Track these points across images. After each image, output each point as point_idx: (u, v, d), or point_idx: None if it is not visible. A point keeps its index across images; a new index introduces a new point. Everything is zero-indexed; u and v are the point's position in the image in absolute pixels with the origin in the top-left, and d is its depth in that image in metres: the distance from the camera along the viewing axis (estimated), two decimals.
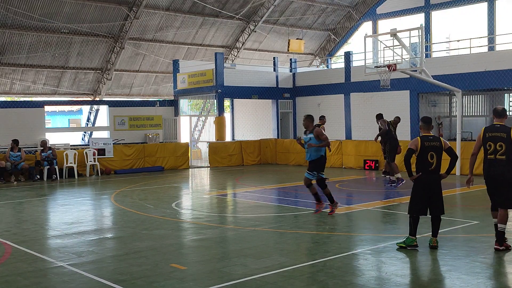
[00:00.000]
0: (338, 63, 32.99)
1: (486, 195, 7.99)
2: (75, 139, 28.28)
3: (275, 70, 26.62)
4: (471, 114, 23.65)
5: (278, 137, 25.56)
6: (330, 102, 24.59)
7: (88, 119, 30.43)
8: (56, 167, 18.33)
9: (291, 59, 28.20)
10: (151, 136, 24.69)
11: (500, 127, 7.54)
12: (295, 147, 22.61)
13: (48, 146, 18.87)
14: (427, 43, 25.16)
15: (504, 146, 7.43)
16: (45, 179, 18.25)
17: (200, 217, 11.22)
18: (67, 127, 42.47)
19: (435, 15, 28.56)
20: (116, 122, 24.30)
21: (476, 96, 23.46)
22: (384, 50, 16.46)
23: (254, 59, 32.45)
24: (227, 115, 28.13)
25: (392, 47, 16.32)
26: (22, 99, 28.25)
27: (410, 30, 16.29)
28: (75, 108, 44.47)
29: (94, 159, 19.65)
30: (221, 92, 23.84)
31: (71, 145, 22.85)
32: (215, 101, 24.14)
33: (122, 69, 28.63)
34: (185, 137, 25.79)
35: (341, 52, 31.32)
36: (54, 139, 23.40)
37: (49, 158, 18.25)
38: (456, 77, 19.76)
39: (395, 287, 6.11)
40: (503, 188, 7.48)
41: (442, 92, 21.73)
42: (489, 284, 6.24)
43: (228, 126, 26.90)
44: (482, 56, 20.84)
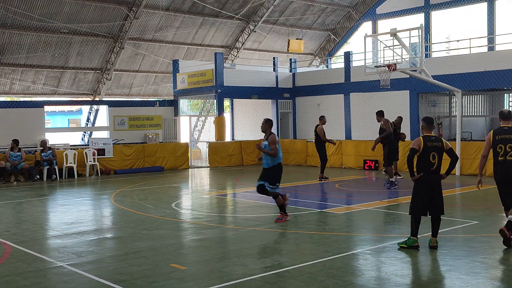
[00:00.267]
0: (338, 63, 32.98)
1: (486, 195, 8.00)
2: (75, 139, 28.28)
3: (274, 70, 26.60)
4: (471, 114, 23.63)
5: (277, 137, 25.47)
6: (330, 102, 24.58)
7: (87, 119, 30.43)
8: (56, 167, 18.34)
9: (290, 59, 28.18)
10: (150, 136, 24.67)
11: (508, 129, 7.88)
12: (294, 147, 22.64)
13: (48, 146, 18.86)
14: (427, 43, 25.15)
15: None
16: (45, 179, 18.25)
17: (200, 217, 11.22)
18: (67, 127, 42.47)
19: (435, 15, 28.54)
20: (115, 122, 24.29)
21: (476, 96, 23.45)
22: (384, 50, 16.41)
23: (254, 59, 32.43)
24: (227, 115, 28.10)
25: (392, 47, 16.28)
26: (21, 99, 28.23)
27: (410, 30, 16.26)
28: (75, 108, 44.50)
29: (93, 159, 19.64)
30: (220, 92, 23.83)
31: (71, 145, 22.83)
32: (215, 101, 24.12)
33: (121, 69, 28.61)
34: (185, 137, 25.77)
35: (341, 52, 31.30)
36: (54, 139, 23.39)
37: (49, 159, 18.25)
38: (456, 77, 19.75)
39: (395, 287, 6.11)
40: None
41: (442, 92, 21.72)
42: (489, 284, 6.24)
43: (228, 126, 26.87)
44: (482, 56, 20.82)
